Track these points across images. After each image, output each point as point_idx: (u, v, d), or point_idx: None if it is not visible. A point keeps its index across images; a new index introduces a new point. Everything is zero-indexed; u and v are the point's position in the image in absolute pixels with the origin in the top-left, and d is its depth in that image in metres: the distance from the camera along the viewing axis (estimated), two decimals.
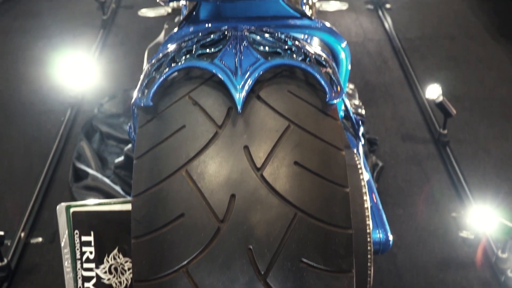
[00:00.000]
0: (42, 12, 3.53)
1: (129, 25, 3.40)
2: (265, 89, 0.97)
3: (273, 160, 0.91)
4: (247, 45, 1.03)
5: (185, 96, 0.98)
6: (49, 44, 3.16)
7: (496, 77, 2.89)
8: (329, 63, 1.06)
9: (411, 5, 3.58)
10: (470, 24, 3.36)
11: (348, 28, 3.32)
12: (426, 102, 2.65)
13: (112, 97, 2.67)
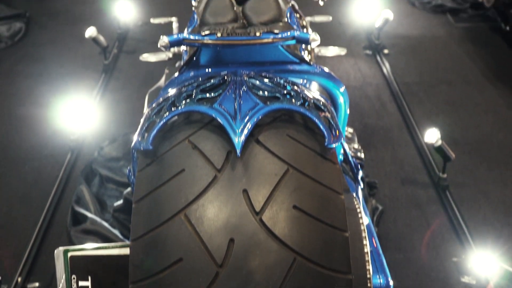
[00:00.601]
0: (45, 57, 3.57)
1: (130, 69, 3.44)
2: (264, 133, 0.98)
3: (272, 204, 0.91)
4: (246, 90, 1.04)
5: (184, 140, 0.99)
6: (51, 88, 3.19)
7: (494, 122, 2.91)
8: (327, 108, 1.07)
9: (408, 50, 3.63)
10: (467, 69, 3.40)
11: (347, 73, 3.36)
12: (425, 146, 2.66)
13: (112, 140, 2.68)
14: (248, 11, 1.50)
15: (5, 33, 3.77)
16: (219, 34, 1.22)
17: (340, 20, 3.95)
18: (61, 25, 4.04)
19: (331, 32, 3.79)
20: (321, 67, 1.38)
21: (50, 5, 4.36)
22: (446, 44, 3.73)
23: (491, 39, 3.76)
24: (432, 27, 3.96)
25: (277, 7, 1.52)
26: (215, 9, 1.50)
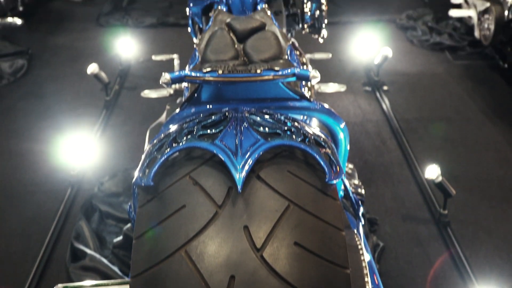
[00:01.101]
0: (47, 93, 3.60)
1: (131, 105, 3.46)
2: (265, 169, 0.98)
3: (273, 240, 0.90)
4: (247, 126, 1.05)
5: (185, 176, 0.99)
6: (52, 124, 3.20)
7: (494, 158, 2.91)
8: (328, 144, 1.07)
9: (407, 87, 3.66)
10: (466, 106, 3.42)
11: (347, 109, 3.38)
12: (425, 182, 2.65)
13: (112, 176, 2.68)
14: (249, 49, 1.52)
15: (8, 70, 3.81)
16: (220, 71, 1.24)
17: (339, 57, 3.99)
18: (64, 61, 4.08)
19: (330, 69, 3.83)
20: (321, 103, 1.39)
21: (53, 41, 4.41)
22: (445, 81, 3.76)
23: (489, 77, 3.80)
24: (430, 64, 4.00)
25: (277, 44, 1.54)
26: (216, 46, 1.52)
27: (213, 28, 1.66)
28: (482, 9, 3.73)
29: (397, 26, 4.62)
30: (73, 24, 4.78)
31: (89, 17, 4.87)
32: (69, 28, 4.68)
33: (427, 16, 4.58)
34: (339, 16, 4.74)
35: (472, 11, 3.94)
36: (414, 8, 4.79)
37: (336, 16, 4.68)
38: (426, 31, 4.37)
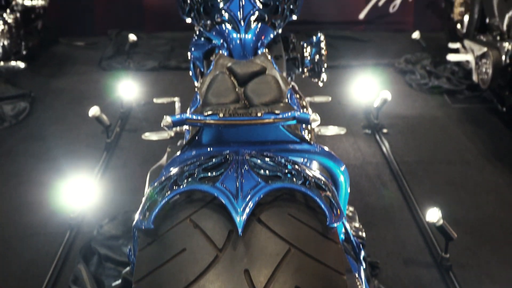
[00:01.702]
0: (48, 136, 3.62)
1: (132, 148, 3.47)
2: (266, 212, 0.98)
3: (274, 284, 0.90)
4: (248, 169, 1.05)
5: (186, 219, 0.99)
6: (52, 166, 3.21)
7: (495, 202, 2.90)
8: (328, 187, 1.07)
9: (407, 130, 3.68)
10: (465, 149, 3.43)
11: (347, 152, 3.39)
12: (426, 226, 2.64)
13: (112, 218, 2.67)
14: (250, 92, 1.53)
15: (10, 112, 3.83)
16: (221, 114, 1.25)
17: (339, 100, 4.02)
18: (65, 104, 4.11)
19: (330, 111, 3.85)
20: (321, 146, 1.39)
21: (55, 84, 4.46)
22: (444, 124, 3.78)
23: (488, 120, 3.82)
24: (429, 107, 4.03)
25: (278, 88, 1.55)
26: (217, 90, 1.54)
27: (214, 72, 1.68)
28: (479, 54, 3.77)
29: (396, 70, 4.67)
30: (75, 67, 4.84)
31: (92, 61, 4.93)
32: (72, 71, 4.73)
33: (425, 60, 4.63)
34: (338, 60, 4.80)
35: (470, 56, 3.99)
36: (412, 52, 4.86)
37: (335, 60, 4.74)
38: (425, 75, 4.42)
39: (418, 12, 5.62)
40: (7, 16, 4.16)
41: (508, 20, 3.55)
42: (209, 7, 1.90)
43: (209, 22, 1.91)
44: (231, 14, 1.87)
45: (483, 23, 4.05)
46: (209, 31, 1.93)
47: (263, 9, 1.90)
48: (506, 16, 3.56)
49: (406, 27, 5.61)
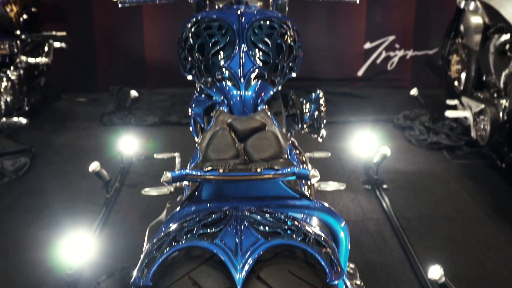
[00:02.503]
0: (48, 191, 3.61)
1: (131, 203, 3.46)
2: (265, 269, 0.98)
3: None
4: (247, 225, 1.05)
5: (184, 276, 0.98)
6: (50, 222, 3.19)
7: (497, 259, 2.87)
8: (328, 243, 1.07)
9: (407, 186, 3.68)
10: (466, 205, 3.42)
11: (347, 208, 3.37)
12: (428, 283, 2.60)
13: (110, 275, 2.63)
14: (250, 148, 1.54)
15: (10, 168, 3.84)
16: (221, 170, 1.25)
17: (339, 155, 4.04)
18: (66, 159, 4.12)
19: (330, 167, 3.86)
20: (321, 202, 1.39)
21: (56, 140, 4.48)
22: (444, 180, 3.78)
23: (488, 176, 3.82)
24: (429, 163, 4.05)
25: (277, 144, 1.57)
26: (217, 146, 1.55)
27: (215, 128, 1.70)
28: (477, 111, 3.81)
29: (395, 125, 4.71)
30: (76, 123, 4.87)
31: (93, 116, 4.98)
32: (73, 127, 4.77)
33: (423, 117, 4.68)
34: (338, 116, 4.84)
35: (468, 112, 4.03)
36: (410, 108, 4.91)
37: (334, 116, 4.78)
38: (424, 131, 4.45)
39: (416, 69, 5.71)
40: (10, 73, 4.22)
41: (504, 77, 3.61)
42: (210, 64, 1.94)
43: (210, 80, 1.94)
44: (231, 72, 1.90)
45: (480, 80, 4.11)
46: (209, 88, 1.96)
47: (263, 67, 1.93)
48: (503, 73, 3.62)
49: (404, 84, 5.69)
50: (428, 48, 5.64)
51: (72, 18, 5.44)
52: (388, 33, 5.60)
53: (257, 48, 1.93)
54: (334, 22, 5.62)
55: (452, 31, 4.40)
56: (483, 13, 3.96)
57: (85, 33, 5.46)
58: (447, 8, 5.06)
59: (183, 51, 2.02)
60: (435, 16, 5.54)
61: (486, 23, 3.93)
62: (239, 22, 1.96)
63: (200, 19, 2.03)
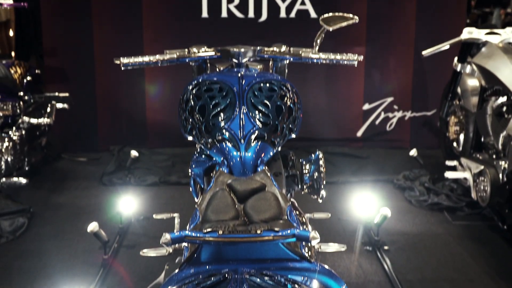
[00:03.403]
0: (45, 252, 3.57)
1: (129, 264, 3.41)
2: None
3: None
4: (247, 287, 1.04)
5: None
6: (47, 284, 3.14)
7: None
8: None
9: (408, 247, 3.64)
10: (468, 266, 3.38)
11: (348, 269, 3.33)
12: None
13: None
14: (249, 209, 1.54)
15: (8, 228, 3.81)
16: (220, 231, 1.25)
17: (339, 216, 4.02)
18: (64, 219, 4.09)
19: (330, 228, 3.83)
20: (321, 264, 1.38)
21: (55, 200, 4.47)
22: (445, 241, 3.75)
23: (489, 237, 3.79)
24: (430, 224, 4.02)
25: (277, 205, 1.56)
26: (217, 207, 1.55)
27: (214, 189, 1.70)
28: (476, 172, 3.82)
29: (395, 186, 4.71)
30: (76, 182, 4.87)
31: (93, 176, 4.98)
32: (72, 187, 4.76)
33: (423, 177, 4.68)
34: (337, 176, 4.84)
35: (467, 174, 4.04)
36: (410, 169, 4.92)
37: (334, 176, 4.78)
38: (424, 191, 4.44)
39: (415, 130, 5.76)
40: (12, 133, 4.25)
41: (502, 139, 3.63)
42: (210, 126, 1.96)
43: (210, 140, 1.96)
44: (231, 133, 1.92)
45: (478, 141, 4.14)
46: (210, 148, 1.98)
47: (263, 128, 1.95)
48: (501, 135, 3.64)
49: (403, 145, 5.72)
50: (426, 109, 5.71)
51: (75, 79, 5.54)
52: (386, 94, 5.68)
53: (257, 109, 1.96)
54: (333, 83, 5.71)
55: (449, 93, 4.47)
56: (479, 76, 4.03)
57: (87, 93, 5.53)
58: (443, 70, 5.16)
59: (184, 113, 2.05)
60: (432, 78, 5.64)
61: (483, 85, 4.00)
62: (239, 85, 2.00)
63: (201, 81, 2.07)
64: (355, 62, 2.43)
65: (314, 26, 3.10)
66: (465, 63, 4.19)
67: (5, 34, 8.09)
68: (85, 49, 5.43)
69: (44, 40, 5.50)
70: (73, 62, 5.51)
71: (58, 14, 5.40)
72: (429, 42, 4.70)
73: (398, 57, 5.64)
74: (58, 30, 5.43)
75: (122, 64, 2.32)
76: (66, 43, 5.46)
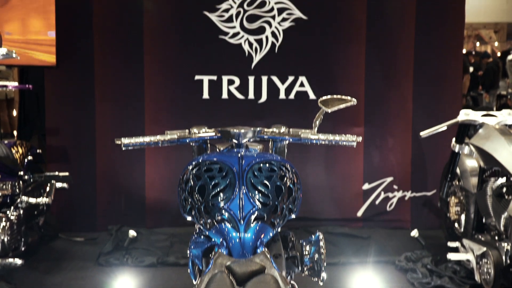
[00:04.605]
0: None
1: None
2: None
3: None
4: None
5: None
6: None
7: None
8: None
9: None
10: None
11: None
12: None
13: None
14: None
15: None
16: None
17: None
18: None
19: None
20: None
21: (50, 281, 4.37)
22: None
23: None
24: None
25: None
26: None
27: (213, 271, 1.67)
28: (479, 254, 3.77)
29: (397, 267, 4.62)
30: (72, 263, 4.79)
31: (89, 256, 4.90)
32: (68, 267, 4.68)
33: (425, 259, 4.60)
34: (338, 257, 4.76)
35: (470, 255, 3.98)
36: (412, 250, 4.85)
37: (335, 257, 4.70)
38: (426, 273, 4.36)
39: (415, 211, 5.73)
40: (10, 213, 4.22)
41: (504, 220, 3.61)
42: (209, 206, 1.95)
43: (209, 221, 1.95)
44: (231, 213, 1.91)
45: (480, 222, 4.11)
46: (209, 229, 1.96)
47: (262, 209, 1.94)
48: (502, 216, 3.62)
49: (404, 225, 5.67)
50: (426, 189, 5.70)
51: (76, 158, 5.56)
52: (386, 174, 5.69)
53: (257, 190, 1.96)
54: (332, 163, 5.73)
55: (448, 174, 4.48)
56: (477, 157, 4.06)
57: (87, 172, 5.54)
58: (442, 151, 5.20)
59: (183, 193, 2.05)
60: (431, 158, 5.67)
61: (482, 166, 4.02)
62: (239, 165, 2.01)
63: (201, 162, 2.09)
64: (354, 143, 2.45)
65: (313, 107, 3.16)
66: (463, 144, 4.23)
67: (9, 114, 8.23)
68: (87, 129, 5.50)
69: (47, 120, 5.57)
70: (74, 141, 5.56)
71: (62, 95, 5.51)
72: (427, 123, 4.77)
73: (397, 137, 5.70)
74: (61, 110, 5.51)
75: (123, 144, 2.34)
76: (68, 123, 5.53)
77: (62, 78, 5.48)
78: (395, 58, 5.59)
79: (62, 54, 5.34)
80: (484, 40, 20.06)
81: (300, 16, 5.46)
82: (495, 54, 17.31)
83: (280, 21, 5.46)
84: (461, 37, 5.79)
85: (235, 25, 5.46)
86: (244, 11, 5.45)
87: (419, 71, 5.57)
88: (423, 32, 5.53)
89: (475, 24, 18.60)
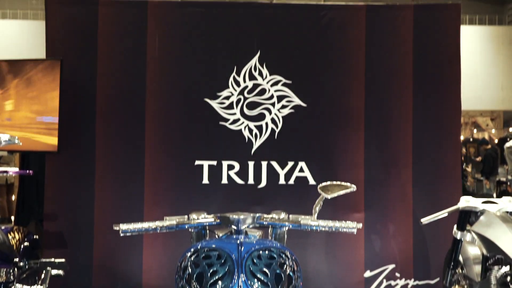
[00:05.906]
0: None
1: None
2: None
3: None
4: None
5: None
6: None
7: None
8: None
9: None
10: None
11: None
12: None
13: None
14: None
15: None
16: None
17: None
18: None
19: None
20: None
21: None
22: None
23: None
24: None
25: None
26: None
27: None
28: None
29: None
30: None
31: None
32: None
33: None
34: None
35: None
36: None
37: None
38: None
39: None
40: None
41: None
42: None
43: None
44: None
45: None
46: None
47: None
48: None
49: None
50: (429, 277, 5.58)
51: (73, 244, 5.49)
52: (387, 261, 5.59)
53: (256, 278, 1.93)
54: (333, 250, 5.65)
55: (451, 262, 4.41)
56: (480, 244, 4.00)
57: (84, 258, 5.44)
58: (443, 237, 5.13)
59: (181, 280, 2.01)
60: (433, 245, 5.59)
61: (484, 254, 3.95)
62: (238, 252, 1.99)
63: (199, 248, 2.06)
64: (354, 230, 2.43)
65: (313, 192, 3.15)
66: (465, 231, 4.19)
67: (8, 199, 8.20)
68: (85, 213, 5.45)
69: (45, 205, 5.54)
70: (72, 227, 5.50)
71: (62, 180, 5.51)
72: (427, 209, 4.74)
73: (397, 223, 5.64)
74: (60, 195, 5.50)
75: (121, 230, 2.32)
76: (66, 208, 5.49)
77: (63, 163, 5.50)
78: (394, 144, 5.64)
79: (64, 139, 5.39)
80: (481, 127, 20.35)
81: (299, 104, 5.55)
82: (493, 141, 17.52)
83: (280, 108, 5.55)
84: (458, 124, 5.86)
85: (236, 111, 5.55)
86: (244, 98, 5.55)
87: (418, 156, 5.60)
88: (421, 118, 5.61)
89: (472, 112, 18.93)
